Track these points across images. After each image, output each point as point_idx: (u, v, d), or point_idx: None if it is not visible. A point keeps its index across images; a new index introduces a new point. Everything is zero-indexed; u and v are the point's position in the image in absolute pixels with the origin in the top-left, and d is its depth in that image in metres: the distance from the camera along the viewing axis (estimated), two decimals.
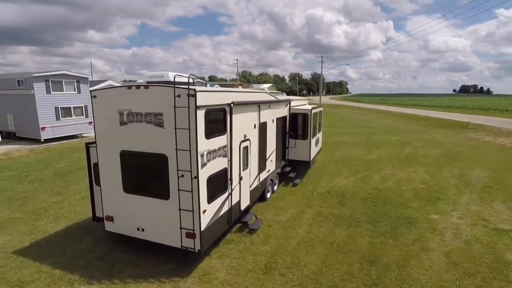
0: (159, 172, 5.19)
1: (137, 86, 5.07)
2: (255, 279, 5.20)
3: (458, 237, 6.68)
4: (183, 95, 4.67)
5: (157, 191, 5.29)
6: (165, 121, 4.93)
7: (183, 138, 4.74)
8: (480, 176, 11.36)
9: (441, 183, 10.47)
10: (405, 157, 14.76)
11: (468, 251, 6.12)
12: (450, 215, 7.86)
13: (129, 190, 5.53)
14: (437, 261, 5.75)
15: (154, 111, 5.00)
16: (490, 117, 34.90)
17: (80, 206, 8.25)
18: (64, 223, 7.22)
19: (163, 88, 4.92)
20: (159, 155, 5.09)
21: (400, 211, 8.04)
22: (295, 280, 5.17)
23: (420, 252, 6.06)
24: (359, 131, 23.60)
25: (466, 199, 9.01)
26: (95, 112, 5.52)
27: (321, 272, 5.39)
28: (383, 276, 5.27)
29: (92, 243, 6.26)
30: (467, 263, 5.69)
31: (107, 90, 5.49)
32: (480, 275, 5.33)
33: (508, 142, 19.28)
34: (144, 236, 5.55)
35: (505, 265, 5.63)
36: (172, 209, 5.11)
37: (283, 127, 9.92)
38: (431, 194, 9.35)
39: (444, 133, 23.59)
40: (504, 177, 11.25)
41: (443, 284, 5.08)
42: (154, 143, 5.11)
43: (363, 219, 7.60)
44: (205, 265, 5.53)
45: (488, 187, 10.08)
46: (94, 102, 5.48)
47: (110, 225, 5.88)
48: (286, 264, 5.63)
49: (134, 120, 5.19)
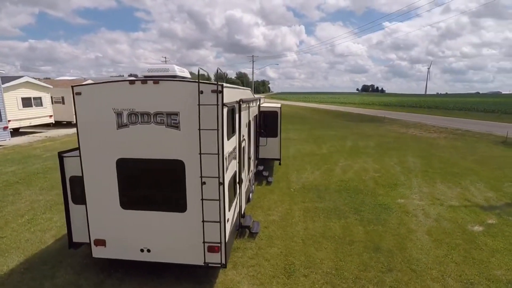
0: (173, 181, 4.48)
1: (143, 80, 4.23)
2: (281, 285, 4.97)
3: (428, 217, 7.65)
4: (206, 92, 4.11)
5: (169, 204, 4.56)
6: (182, 121, 4.26)
7: (209, 140, 4.17)
8: (414, 162, 13.26)
9: (390, 171, 11.84)
10: (350, 149, 16.21)
11: (441, 228, 7.05)
12: (412, 198, 8.95)
13: (129, 206, 4.62)
14: (424, 240, 6.47)
15: (167, 110, 4.26)
16: (396, 112, 41.20)
17: (30, 232, 6.54)
18: (17, 256, 5.61)
19: (180, 83, 4.24)
20: (174, 161, 4.38)
21: (373, 199, 8.79)
22: (320, 278, 5.13)
23: (408, 234, 6.72)
24: (300, 128, 24.95)
25: (415, 183, 10.39)
26: (80, 113, 4.41)
27: (339, 266, 5.48)
28: (392, 261, 5.66)
29: (72, 275, 5.02)
30: (446, 238, 6.56)
31: (97, 85, 4.43)
32: (460, 247, 6.20)
33: (418, 133, 23.04)
34: (151, 257, 4.72)
35: (472, 235, 6.69)
36: (191, 222, 4.47)
37: (256, 125, 9.76)
38: (388, 181, 10.49)
39: (368, 126, 26.82)
40: (431, 162, 13.38)
41: (439, 259, 5.74)
42: (167, 147, 4.37)
43: (347, 209, 8.04)
44: (223, 280, 5.03)
45: (425, 171, 11.84)
46: (78, 101, 4.37)
47: (100, 251, 4.81)
48: (303, 264, 5.55)
49: (139, 122, 4.34)
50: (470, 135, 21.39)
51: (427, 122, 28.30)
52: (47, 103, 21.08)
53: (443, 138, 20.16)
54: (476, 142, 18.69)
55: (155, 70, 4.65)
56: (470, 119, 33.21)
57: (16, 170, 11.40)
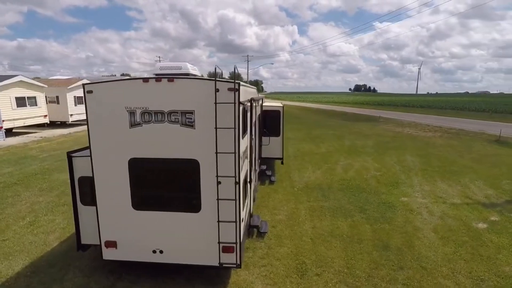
0: (188, 180, 4.41)
1: (157, 78, 4.16)
2: (295, 284, 4.94)
3: (432, 215, 7.72)
4: (222, 90, 4.05)
5: (183, 204, 4.49)
6: (197, 120, 4.20)
7: (225, 139, 4.12)
8: (413, 161, 13.40)
9: (391, 169, 11.94)
10: (348, 148, 16.30)
11: (446, 225, 7.13)
12: (415, 196, 9.03)
13: (141, 206, 4.54)
14: (431, 238, 6.52)
15: (182, 109, 4.19)
16: (390, 111, 41.61)
17: (33, 235, 6.38)
18: (22, 259, 5.46)
19: (195, 81, 4.18)
20: (188, 161, 4.31)
21: (377, 198, 8.83)
22: (332, 277, 5.13)
23: (415, 232, 6.77)
24: (297, 127, 24.97)
25: (416, 181, 10.49)
26: (91, 112, 4.31)
27: (350, 265, 5.49)
28: (402, 259, 5.69)
29: (82, 278, 4.91)
30: (452, 236, 6.63)
31: (110, 84, 4.33)
32: (467, 244, 6.27)
33: (413, 132, 23.30)
34: (163, 259, 4.65)
35: (477, 232, 6.77)
36: (205, 223, 4.41)
37: (259, 125, 9.73)
38: (389, 180, 10.56)
39: (364, 125, 27.02)
40: (429, 160, 13.53)
41: (448, 257, 5.79)
42: (181, 146, 4.30)
43: (352, 208, 8.07)
44: (236, 280, 4.99)
45: (424, 170, 11.97)
46: (89, 100, 4.27)
47: (111, 252, 4.71)
48: (315, 263, 5.53)
49: (152, 120, 4.26)
50: (464, 134, 21.71)
51: (421, 121, 28.65)
52: (41, 103, 20.67)
53: (439, 137, 20.42)
54: (470, 141, 18.98)
55: (167, 67, 4.57)
56: (462, 118, 33.76)
57: (13, 171, 11.13)
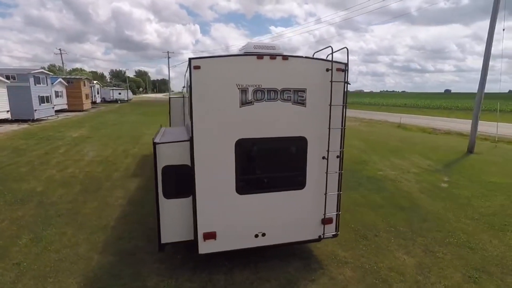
0: (295, 158, 4.46)
1: (272, 56, 4.06)
2: (364, 246, 5.56)
3: (409, 181, 9.50)
4: (333, 70, 4.30)
5: (289, 182, 4.51)
6: (308, 98, 4.31)
7: (336, 116, 4.39)
8: (361, 145, 15.71)
9: (351, 152, 13.78)
10: None
11: (424, 187, 8.93)
12: (386, 170, 10.82)
13: (245, 190, 4.34)
14: (424, 198, 8.12)
15: (295, 87, 4.22)
16: None
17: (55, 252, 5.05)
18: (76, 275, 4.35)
19: (308, 60, 4.27)
20: (298, 139, 4.38)
21: (360, 174, 10.23)
22: (388, 236, 5.96)
23: (409, 195, 8.28)
24: None
25: (377, 159, 12.48)
26: (195, 90, 3.87)
27: (392, 224, 6.44)
28: (422, 215, 6.99)
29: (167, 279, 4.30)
30: (434, 194, 8.41)
31: (220, 59, 3.92)
32: (447, 198, 8.09)
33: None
34: (265, 241, 4.55)
35: (445, 189, 8.76)
36: (310, 198, 4.57)
37: None
38: (357, 160, 12.25)
39: None
40: (372, 144, 16.10)
41: (444, 207, 7.40)
42: (292, 124, 4.33)
43: (352, 182, 9.18)
44: (324, 251, 5.26)
45: (374, 150, 14.24)
46: (196, 76, 3.83)
47: (209, 245, 4.32)
48: (366, 228, 6.26)
49: (265, 99, 4.14)
50: (375, 122, 26.38)
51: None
52: None
53: (361, 126, 24.24)
54: (383, 128, 23.24)
55: (261, 46, 4.45)
56: (362, 110, 40.58)
57: None
